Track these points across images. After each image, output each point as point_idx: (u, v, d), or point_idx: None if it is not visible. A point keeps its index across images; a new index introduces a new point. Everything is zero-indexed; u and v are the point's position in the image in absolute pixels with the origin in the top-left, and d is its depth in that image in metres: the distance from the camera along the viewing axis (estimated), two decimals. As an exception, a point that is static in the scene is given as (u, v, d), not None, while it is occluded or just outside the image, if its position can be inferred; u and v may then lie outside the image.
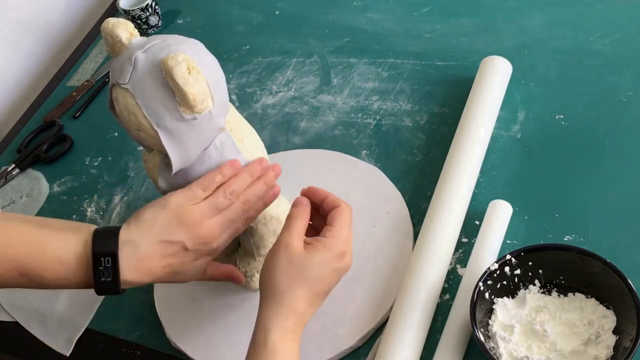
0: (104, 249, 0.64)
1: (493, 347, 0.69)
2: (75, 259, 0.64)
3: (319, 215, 0.70)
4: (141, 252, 0.64)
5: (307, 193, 0.70)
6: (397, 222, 0.85)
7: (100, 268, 0.63)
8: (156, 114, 0.65)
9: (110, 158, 1.10)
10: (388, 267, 0.82)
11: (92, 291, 0.65)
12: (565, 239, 0.79)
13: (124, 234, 0.65)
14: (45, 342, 0.88)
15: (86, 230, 0.65)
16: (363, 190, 0.90)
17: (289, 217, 0.67)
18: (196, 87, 0.63)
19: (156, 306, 0.86)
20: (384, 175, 0.91)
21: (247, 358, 0.62)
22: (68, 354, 0.86)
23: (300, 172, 0.95)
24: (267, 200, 0.72)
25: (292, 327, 0.62)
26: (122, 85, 0.65)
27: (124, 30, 0.67)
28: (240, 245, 0.84)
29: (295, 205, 0.69)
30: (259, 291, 0.86)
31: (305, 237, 0.67)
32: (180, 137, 0.66)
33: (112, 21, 0.67)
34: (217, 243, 0.68)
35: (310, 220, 0.69)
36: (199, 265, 0.69)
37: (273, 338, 0.61)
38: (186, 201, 0.66)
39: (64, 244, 0.64)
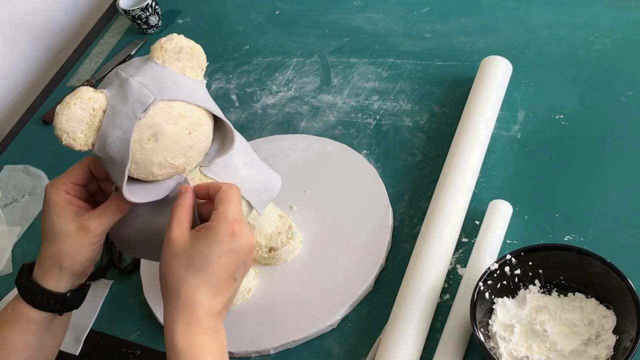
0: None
1: (493, 347, 0.69)
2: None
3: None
4: None
5: (188, 191, 0.66)
6: (373, 199, 0.88)
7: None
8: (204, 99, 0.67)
9: (110, 158, 1.10)
10: (365, 243, 0.84)
11: (92, 291, 0.66)
12: (565, 239, 0.79)
13: None
14: None
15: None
16: (335, 168, 0.94)
17: (171, 211, 0.64)
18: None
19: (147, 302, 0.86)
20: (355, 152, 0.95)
21: None
22: (77, 353, 0.87)
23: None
24: None
25: (197, 321, 0.60)
26: (159, 101, 0.63)
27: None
28: None
29: (177, 196, 0.66)
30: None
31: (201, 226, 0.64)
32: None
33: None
34: None
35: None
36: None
37: (178, 338, 0.59)
38: None
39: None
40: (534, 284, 0.73)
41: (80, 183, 0.70)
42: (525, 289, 0.73)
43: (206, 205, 0.66)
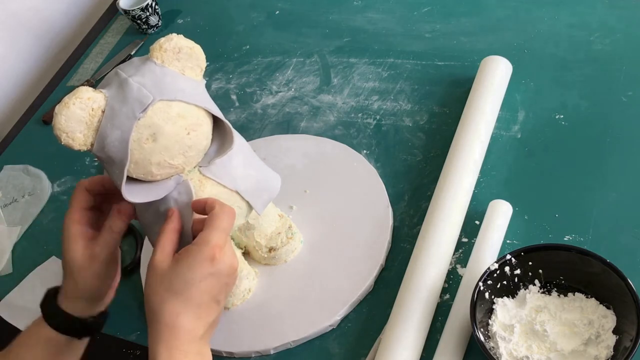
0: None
1: (493, 347, 0.69)
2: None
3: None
4: None
5: (174, 215, 0.67)
6: (373, 199, 0.88)
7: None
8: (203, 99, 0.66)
9: (110, 158, 1.10)
10: (365, 243, 0.84)
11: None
12: (565, 239, 0.79)
13: None
14: None
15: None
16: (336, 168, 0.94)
17: (157, 235, 0.65)
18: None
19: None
20: (355, 152, 0.95)
21: None
22: None
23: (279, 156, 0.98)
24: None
25: (178, 345, 0.60)
26: (158, 101, 0.63)
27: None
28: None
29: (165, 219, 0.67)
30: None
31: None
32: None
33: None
34: None
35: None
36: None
37: None
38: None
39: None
40: (534, 284, 0.73)
41: (88, 207, 0.70)
42: (525, 289, 0.73)
43: (202, 222, 0.66)
